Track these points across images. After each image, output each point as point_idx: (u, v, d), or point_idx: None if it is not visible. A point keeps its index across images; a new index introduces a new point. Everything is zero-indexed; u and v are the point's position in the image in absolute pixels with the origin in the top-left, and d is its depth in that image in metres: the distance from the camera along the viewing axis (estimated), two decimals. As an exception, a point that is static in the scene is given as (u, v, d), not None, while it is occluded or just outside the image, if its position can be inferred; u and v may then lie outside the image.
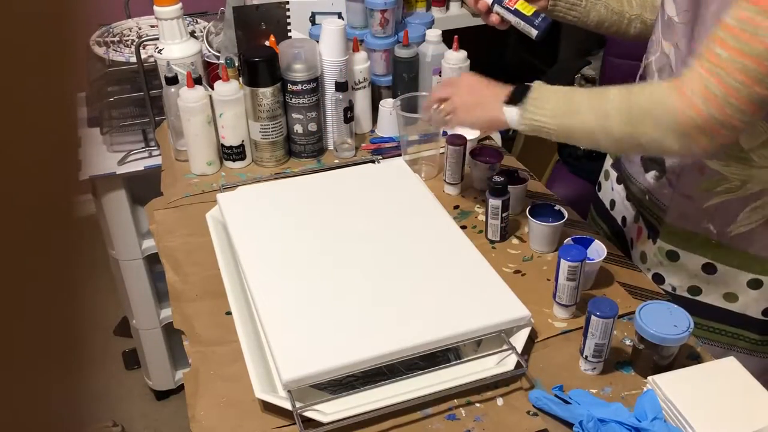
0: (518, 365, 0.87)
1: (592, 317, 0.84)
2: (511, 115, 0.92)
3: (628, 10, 1.10)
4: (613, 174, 1.19)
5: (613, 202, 1.19)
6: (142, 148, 1.65)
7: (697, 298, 1.03)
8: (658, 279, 1.06)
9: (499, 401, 0.85)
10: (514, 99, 0.92)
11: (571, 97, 0.89)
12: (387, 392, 0.84)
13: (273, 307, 0.91)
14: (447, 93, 1.02)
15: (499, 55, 2.94)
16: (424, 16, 1.57)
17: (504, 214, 1.09)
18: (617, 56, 2.05)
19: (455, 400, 0.85)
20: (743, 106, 0.77)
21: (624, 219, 1.15)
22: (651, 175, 1.04)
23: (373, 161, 1.31)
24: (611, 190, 1.19)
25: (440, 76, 1.36)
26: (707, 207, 0.97)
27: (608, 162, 1.22)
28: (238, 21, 1.30)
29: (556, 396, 0.84)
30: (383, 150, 1.36)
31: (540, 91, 0.91)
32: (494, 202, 1.07)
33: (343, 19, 1.52)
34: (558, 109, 0.89)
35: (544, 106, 0.90)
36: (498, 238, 1.11)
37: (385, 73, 1.43)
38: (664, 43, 0.98)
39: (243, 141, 1.29)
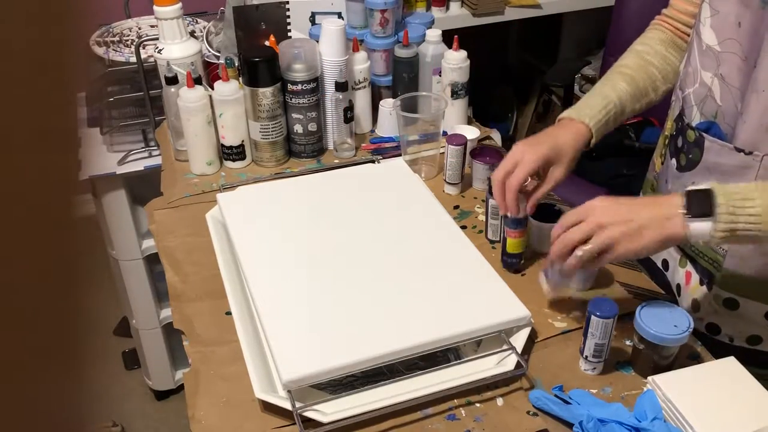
0: (518, 365, 0.87)
1: (592, 317, 0.84)
2: (701, 229, 0.78)
3: (654, 98, 1.05)
4: None
5: None
6: (142, 148, 1.65)
7: (757, 347, 0.95)
8: (713, 329, 0.97)
9: (499, 401, 0.85)
10: (698, 210, 0.79)
11: None
12: (387, 392, 0.84)
13: (273, 307, 0.91)
14: (587, 230, 0.83)
15: (499, 55, 2.94)
16: (424, 16, 1.57)
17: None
18: (617, 56, 2.05)
19: (455, 400, 0.85)
20: None
21: (665, 262, 1.07)
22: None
23: (373, 161, 1.31)
24: None
25: (440, 75, 1.36)
26: None
27: None
28: (238, 21, 1.30)
29: (556, 396, 0.84)
30: (383, 150, 1.36)
31: (729, 194, 0.78)
32: (494, 202, 1.07)
33: (343, 19, 1.52)
34: (765, 210, 0.76)
35: (745, 212, 0.77)
36: (498, 238, 1.11)
37: (385, 73, 1.43)
38: (703, 74, 0.92)
39: (243, 141, 1.29)
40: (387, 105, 1.38)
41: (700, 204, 0.79)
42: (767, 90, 0.83)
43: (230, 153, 1.30)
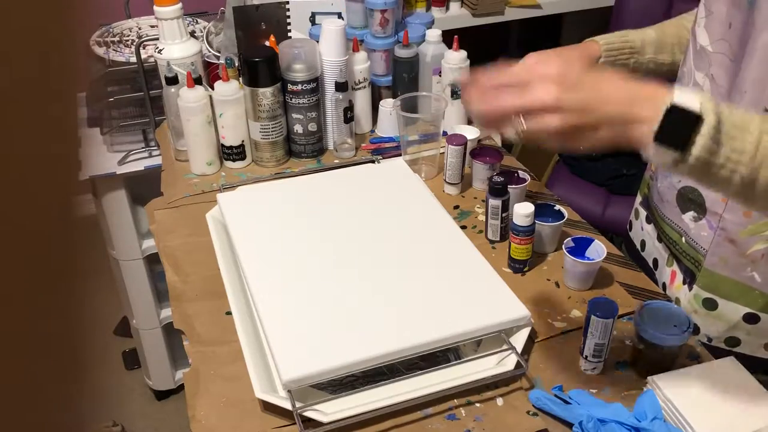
0: (518, 365, 0.87)
1: (592, 317, 0.84)
2: (662, 156, 0.64)
3: (679, 59, 1.04)
4: (643, 213, 1.12)
5: (643, 243, 1.12)
6: (142, 148, 1.65)
7: (735, 349, 0.96)
8: (693, 330, 0.96)
9: (499, 401, 0.85)
10: (669, 136, 0.64)
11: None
12: (387, 392, 0.84)
13: (273, 307, 0.91)
14: (531, 100, 0.65)
15: (499, 55, 2.93)
16: (424, 16, 1.57)
17: (504, 214, 1.08)
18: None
19: (455, 400, 0.85)
20: None
21: (656, 261, 1.08)
22: (688, 216, 0.96)
23: (373, 161, 1.31)
24: (641, 230, 1.12)
25: (440, 75, 1.36)
26: (752, 253, 0.89)
27: (637, 200, 1.15)
28: (238, 21, 1.30)
29: (556, 396, 0.84)
30: (383, 150, 1.36)
31: (713, 123, 0.64)
32: (494, 202, 1.07)
33: (343, 19, 1.52)
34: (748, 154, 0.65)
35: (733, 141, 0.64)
36: (498, 238, 1.11)
37: (385, 73, 1.43)
38: (696, 74, 0.93)
39: (243, 141, 1.29)
40: (387, 105, 1.38)
41: (677, 130, 0.64)
42: (749, 91, 0.83)
43: (230, 153, 1.30)
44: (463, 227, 1.13)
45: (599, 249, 1.00)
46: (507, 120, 0.67)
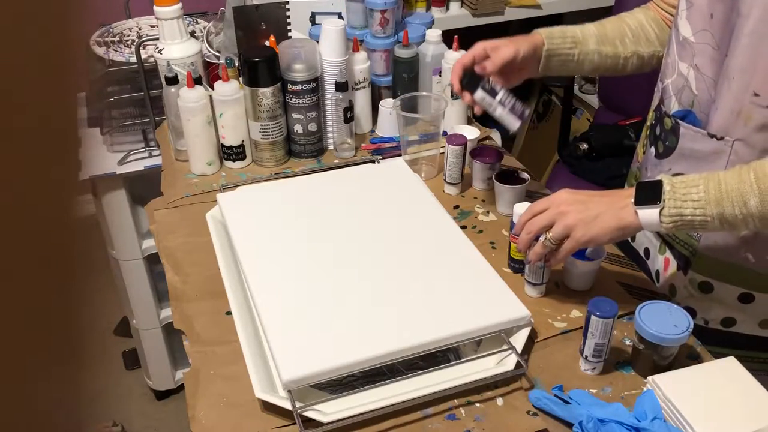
0: (518, 365, 0.87)
1: (592, 317, 0.84)
2: (650, 216, 0.82)
3: (622, 51, 1.09)
4: None
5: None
6: (142, 148, 1.65)
7: (732, 329, 0.99)
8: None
9: (499, 401, 0.85)
10: (645, 198, 0.83)
11: (718, 181, 0.81)
12: (387, 392, 0.84)
13: (273, 307, 0.91)
14: (549, 216, 0.88)
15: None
16: (424, 16, 1.57)
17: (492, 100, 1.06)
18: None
19: (455, 400, 0.85)
20: None
21: (647, 250, 1.10)
22: None
23: (373, 161, 1.31)
24: None
25: (440, 76, 1.36)
26: (745, 235, 0.92)
27: None
28: (238, 21, 1.30)
29: (555, 396, 0.84)
30: (383, 150, 1.36)
31: (675, 183, 0.83)
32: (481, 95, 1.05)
33: (343, 19, 1.52)
34: (708, 196, 0.80)
35: (689, 198, 0.81)
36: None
37: (385, 73, 1.43)
38: (680, 65, 0.95)
39: (243, 141, 1.29)
40: (387, 105, 1.38)
41: (648, 193, 0.83)
42: (737, 77, 0.86)
43: (230, 153, 1.30)
44: (463, 227, 1.13)
45: (599, 249, 1.00)
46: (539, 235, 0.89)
